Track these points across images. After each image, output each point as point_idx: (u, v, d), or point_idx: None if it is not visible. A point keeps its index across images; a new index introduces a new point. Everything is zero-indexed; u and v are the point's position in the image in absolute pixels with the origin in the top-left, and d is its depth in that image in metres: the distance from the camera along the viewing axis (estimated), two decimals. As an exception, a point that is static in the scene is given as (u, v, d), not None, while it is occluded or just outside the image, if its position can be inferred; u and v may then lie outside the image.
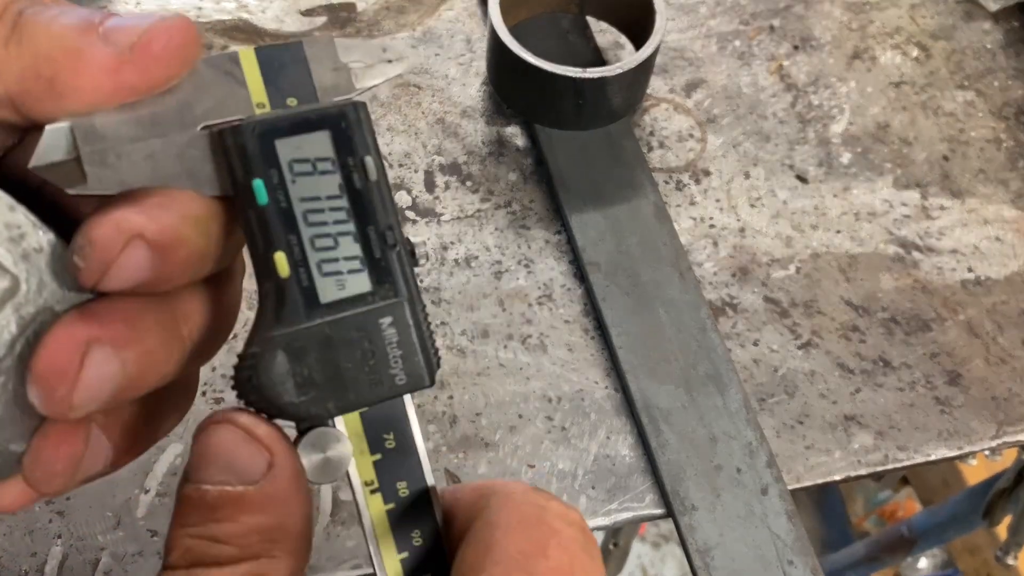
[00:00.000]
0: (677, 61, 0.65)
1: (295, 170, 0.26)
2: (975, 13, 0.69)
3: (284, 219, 0.25)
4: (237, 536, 0.24)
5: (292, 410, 0.26)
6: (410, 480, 0.27)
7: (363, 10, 0.65)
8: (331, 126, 0.26)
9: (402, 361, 0.26)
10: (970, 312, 0.56)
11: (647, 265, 0.55)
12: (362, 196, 0.26)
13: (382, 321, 0.26)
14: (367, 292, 0.26)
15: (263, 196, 0.25)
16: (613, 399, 0.52)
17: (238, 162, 0.25)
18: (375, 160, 0.26)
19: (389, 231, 0.26)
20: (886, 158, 0.62)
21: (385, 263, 0.26)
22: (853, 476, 0.51)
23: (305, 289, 0.26)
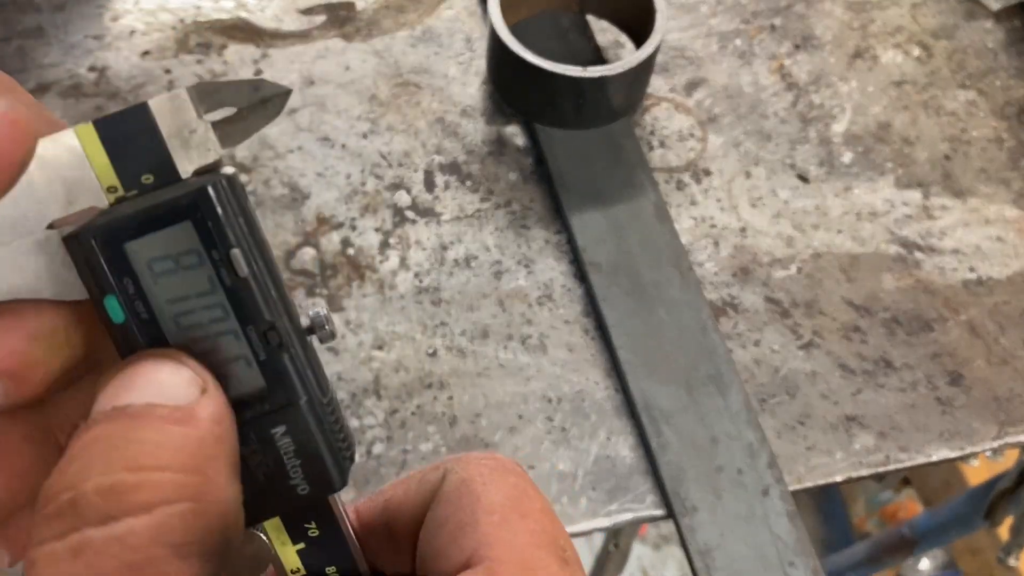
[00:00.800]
0: (678, 60, 0.64)
1: (155, 269, 0.22)
2: (977, 12, 0.69)
3: (148, 330, 0.22)
4: (167, 445, 0.21)
5: None
6: (339, 564, 0.26)
7: (362, 9, 0.65)
8: (189, 216, 0.22)
9: (302, 469, 0.24)
10: (972, 312, 0.56)
11: (648, 265, 0.54)
12: (235, 293, 0.22)
13: (275, 431, 0.23)
14: (258, 394, 0.23)
15: (118, 313, 0.22)
16: (613, 400, 0.51)
17: (87, 273, 0.22)
18: (244, 251, 0.22)
19: (272, 331, 0.23)
20: (887, 158, 0.61)
21: (273, 364, 0.23)
22: (854, 477, 0.51)
23: None
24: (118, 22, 0.63)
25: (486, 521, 0.24)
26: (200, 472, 0.21)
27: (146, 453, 0.20)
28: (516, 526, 0.24)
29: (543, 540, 0.24)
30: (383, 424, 0.50)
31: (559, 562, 0.24)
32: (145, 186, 0.22)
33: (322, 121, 0.60)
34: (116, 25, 0.63)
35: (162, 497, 0.20)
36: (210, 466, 0.21)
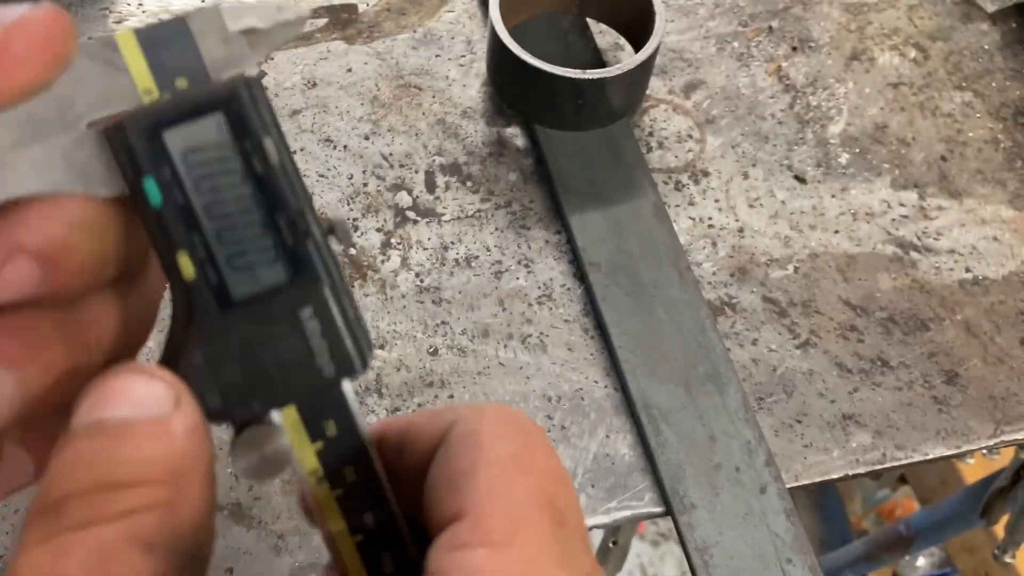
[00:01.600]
0: (676, 62, 0.65)
1: (190, 161, 0.24)
2: (973, 14, 0.69)
3: (183, 216, 0.24)
4: (141, 460, 0.22)
5: (216, 414, 0.25)
6: (356, 465, 0.26)
7: (364, 11, 0.65)
8: (223, 108, 0.24)
9: (329, 351, 0.25)
10: (968, 312, 0.56)
11: (647, 265, 0.55)
12: (266, 182, 0.24)
13: (302, 313, 0.25)
14: (284, 283, 0.25)
15: (156, 196, 0.23)
16: (613, 398, 0.52)
17: (126, 161, 0.23)
18: (275, 140, 0.24)
19: (300, 217, 0.25)
20: (884, 159, 0.62)
21: (300, 251, 0.25)
22: (851, 475, 0.51)
23: (216, 288, 0.24)
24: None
25: (485, 473, 0.24)
26: (173, 486, 0.22)
27: (122, 472, 0.21)
28: (513, 481, 0.24)
29: (539, 498, 0.24)
30: (385, 423, 0.51)
31: (552, 522, 0.23)
32: (179, 90, 0.24)
33: (324, 123, 0.60)
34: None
35: (136, 508, 0.21)
36: (183, 479, 0.22)
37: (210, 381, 0.24)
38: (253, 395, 0.25)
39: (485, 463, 0.24)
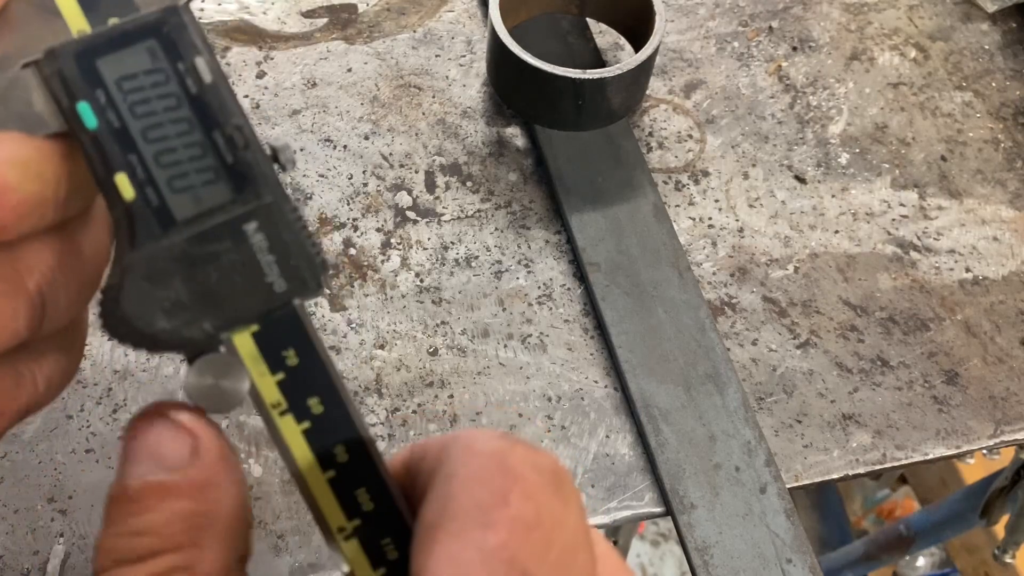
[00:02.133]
0: (676, 62, 0.65)
1: (124, 88, 0.24)
2: (973, 14, 0.69)
3: (119, 139, 0.24)
4: (158, 526, 0.22)
5: (166, 337, 0.24)
6: (347, 443, 0.25)
7: (364, 11, 0.65)
8: (153, 35, 0.24)
9: (279, 267, 0.24)
10: (968, 312, 0.56)
11: (646, 265, 0.55)
12: (200, 101, 0.24)
13: (247, 227, 0.24)
14: (227, 201, 0.24)
15: (91, 119, 0.24)
16: (613, 398, 0.52)
17: (60, 89, 0.24)
18: (207, 60, 0.24)
19: (237, 131, 0.24)
20: (884, 158, 0.62)
21: (240, 167, 0.24)
22: (851, 475, 0.51)
23: (157, 209, 0.24)
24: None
25: (444, 528, 0.21)
26: (193, 545, 0.22)
27: (143, 545, 0.22)
28: (470, 538, 0.21)
29: (497, 559, 0.20)
30: (384, 423, 0.51)
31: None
32: (111, 27, 0.24)
33: (324, 122, 0.60)
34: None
35: (158, 572, 0.22)
36: (202, 536, 0.23)
37: (155, 303, 0.24)
38: (202, 315, 0.24)
39: (449, 516, 0.21)
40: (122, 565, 0.22)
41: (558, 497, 0.22)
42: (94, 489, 0.48)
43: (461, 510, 0.21)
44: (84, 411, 0.50)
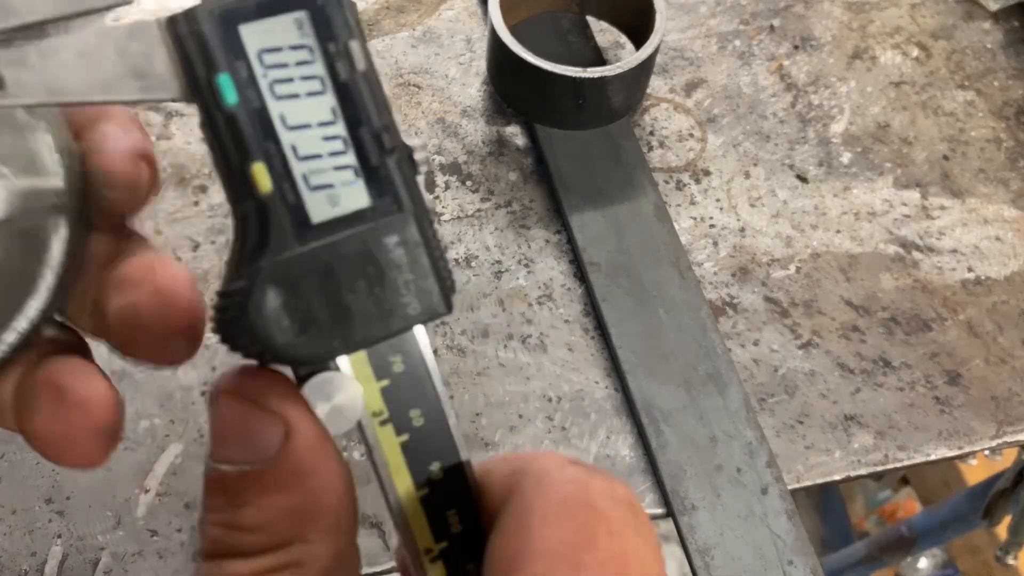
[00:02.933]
0: (677, 61, 0.65)
1: (266, 62, 0.21)
2: (975, 13, 0.69)
3: (259, 121, 0.21)
4: (262, 522, 0.21)
5: (291, 352, 0.22)
6: (443, 459, 0.23)
7: (363, 10, 0.65)
8: (306, 5, 0.21)
9: (414, 287, 0.22)
10: (970, 312, 0.56)
11: (647, 265, 0.55)
12: (349, 90, 0.22)
13: (387, 241, 0.22)
14: (365, 208, 0.22)
15: (231, 95, 0.21)
16: (613, 399, 0.52)
17: (197, 55, 0.21)
18: (361, 45, 0.22)
19: (385, 132, 0.22)
20: (886, 158, 0.62)
21: (383, 171, 0.22)
22: (853, 476, 0.51)
23: (292, 207, 0.21)
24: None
25: (528, 567, 0.20)
26: (300, 540, 0.22)
27: (249, 541, 0.21)
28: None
29: None
30: (384, 423, 0.50)
31: None
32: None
33: (323, 121, 0.60)
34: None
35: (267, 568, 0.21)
36: (309, 530, 0.22)
37: (284, 314, 0.21)
38: (332, 333, 0.22)
39: (533, 555, 0.20)
40: (229, 559, 0.21)
41: (639, 534, 0.22)
42: (92, 490, 0.48)
43: (547, 548, 0.20)
44: (81, 412, 0.50)
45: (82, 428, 0.23)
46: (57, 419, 0.23)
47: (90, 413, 0.23)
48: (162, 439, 0.49)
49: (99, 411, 0.23)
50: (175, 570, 0.46)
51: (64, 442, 0.23)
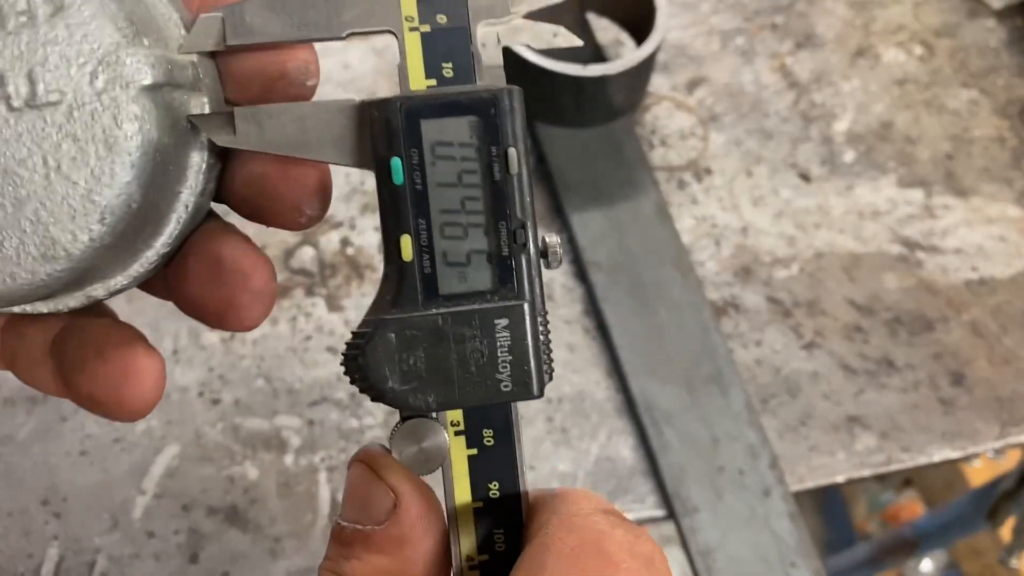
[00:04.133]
0: (679, 58, 0.64)
1: (436, 152, 0.25)
2: (979, 11, 0.68)
3: (417, 201, 0.25)
4: (361, 574, 0.25)
5: (391, 396, 0.25)
6: (502, 482, 0.26)
7: (362, 8, 0.65)
8: (480, 111, 0.25)
9: (511, 367, 0.25)
10: (974, 312, 0.56)
11: (649, 265, 0.54)
12: (500, 188, 0.25)
13: (498, 322, 0.25)
14: (488, 289, 0.25)
15: (399, 176, 0.25)
16: (614, 400, 0.51)
17: (381, 136, 0.25)
18: (520, 152, 0.25)
19: (521, 229, 0.25)
20: (890, 156, 0.61)
21: (512, 262, 0.25)
22: (856, 477, 0.51)
23: (426, 276, 0.25)
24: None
25: None
26: None
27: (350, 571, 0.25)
28: None
29: None
30: (382, 424, 0.50)
31: None
32: (437, 24, 0.26)
33: (322, 120, 0.60)
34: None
35: None
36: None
37: (394, 365, 0.25)
38: (431, 389, 0.25)
39: None
40: None
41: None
42: (88, 492, 0.47)
43: None
44: (79, 413, 0.49)
45: (244, 292, 0.26)
46: (217, 288, 0.26)
47: (249, 279, 0.26)
48: (159, 440, 0.49)
49: (257, 276, 0.26)
50: (171, 572, 0.46)
51: (227, 308, 0.26)
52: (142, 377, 0.25)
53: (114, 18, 0.23)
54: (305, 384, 0.51)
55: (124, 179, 0.23)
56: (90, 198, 0.23)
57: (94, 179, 0.23)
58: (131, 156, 0.23)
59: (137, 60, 0.23)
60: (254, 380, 0.51)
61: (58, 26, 0.22)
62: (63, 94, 0.22)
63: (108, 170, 0.23)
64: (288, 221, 0.26)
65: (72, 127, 0.23)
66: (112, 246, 0.24)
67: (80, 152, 0.23)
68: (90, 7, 0.23)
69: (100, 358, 0.25)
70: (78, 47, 0.23)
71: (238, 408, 0.50)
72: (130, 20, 0.23)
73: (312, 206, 0.26)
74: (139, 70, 0.23)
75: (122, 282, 0.26)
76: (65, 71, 0.22)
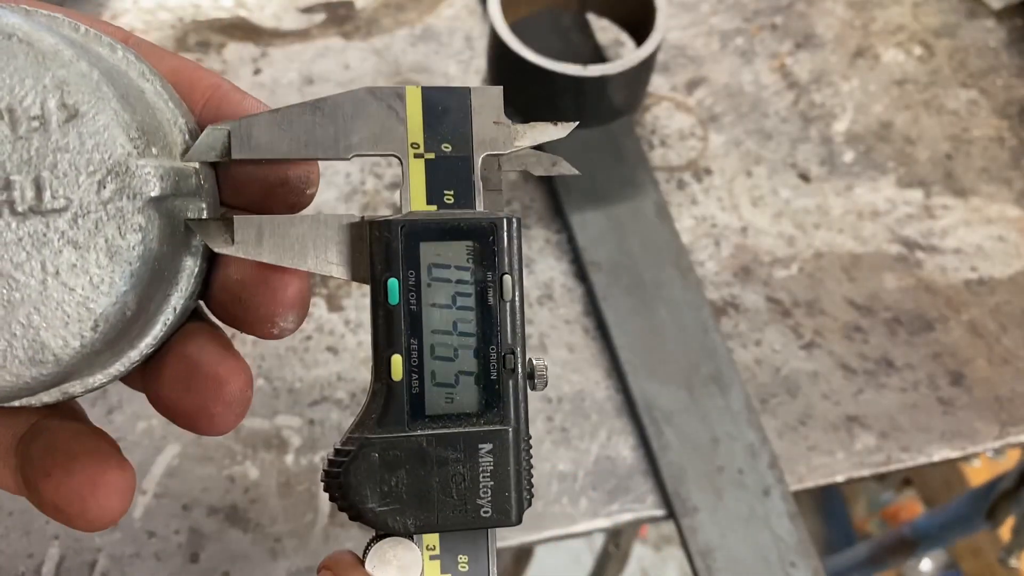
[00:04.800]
0: (678, 59, 0.64)
1: (433, 274, 0.26)
2: (978, 11, 0.69)
3: (410, 322, 0.25)
4: None
5: (371, 516, 0.25)
6: (471, 556, 0.26)
7: (362, 8, 0.65)
8: (479, 237, 0.26)
9: (492, 492, 0.26)
10: (973, 312, 0.56)
11: (648, 265, 0.54)
12: (492, 313, 0.26)
13: (482, 446, 0.26)
14: (474, 412, 0.26)
15: (395, 296, 0.25)
16: (614, 400, 0.51)
17: (380, 256, 0.25)
18: (514, 280, 0.26)
19: (511, 355, 0.26)
20: (889, 157, 0.61)
21: (499, 386, 0.26)
22: (856, 477, 0.51)
23: (413, 396, 0.25)
24: (117, 20, 0.63)
25: None
26: None
27: None
28: None
29: None
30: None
31: None
32: (442, 152, 0.26)
33: (322, 120, 0.60)
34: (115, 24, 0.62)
35: None
36: None
37: (375, 485, 0.25)
38: (410, 512, 0.25)
39: None
40: None
41: None
42: (88, 491, 0.47)
43: None
44: (78, 412, 0.49)
45: (217, 401, 0.25)
46: (191, 393, 0.25)
47: (223, 387, 0.25)
48: (159, 440, 0.49)
49: (232, 385, 0.25)
50: (172, 572, 0.46)
51: (199, 415, 0.25)
52: (110, 491, 0.24)
53: (127, 128, 0.23)
54: (305, 384, 0.51)
55: (122, 288, 0.23)
56: (86, 305, 0.23)
57: (92, 287, 0.23)
58: (132, 266, 0.23)
59: (146, 172, 0.23)
60: (254, 380, 0.51)
61: (70, 133, 0.22)
62: (69, 201, 0.22)
63: (108, 279, 0.23)
64: (261, 331, 0.26)
65: (75, 234, 0.22)
66: (100, 351, 0.23)
67: (81, 260, 0.22)
68: (104, 116, 0.23)
69: (68, 468, 0.24)
70: (89, 156, 0.22)
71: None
72: (142, 130, 0.23)
73: (286, 319, 0.26)
74: (147, 182, 0.23)
75: (101, 380, 0.25)
76: (74, 179, 0.22)
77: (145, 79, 0.25)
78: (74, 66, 0.22)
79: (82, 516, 0.24)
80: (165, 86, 0.25)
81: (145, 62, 0.25)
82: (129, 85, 0.24)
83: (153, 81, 0.25)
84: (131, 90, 0.24)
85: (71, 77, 0.22)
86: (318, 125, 0.25)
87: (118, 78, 0.24)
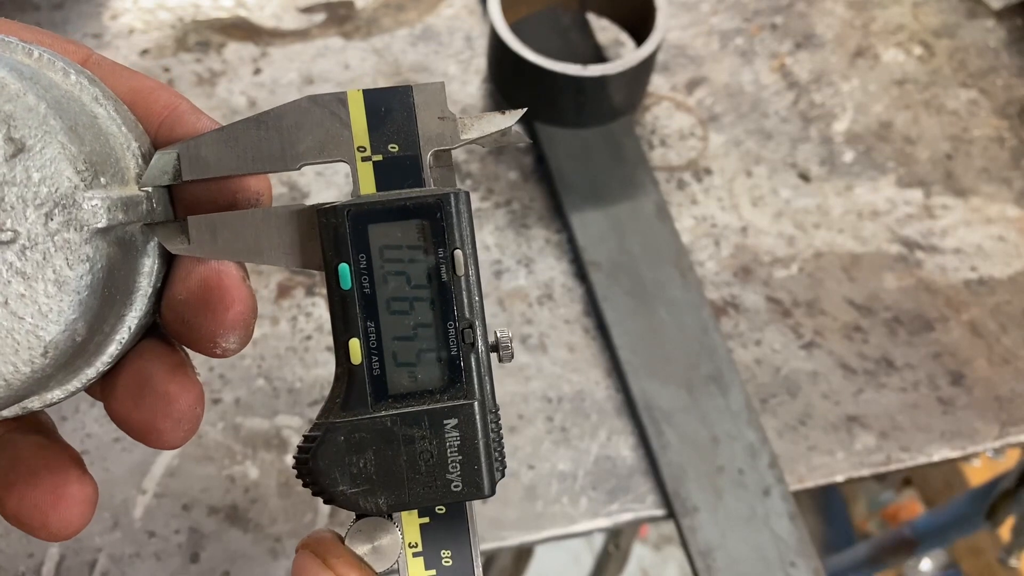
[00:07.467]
0: (679, 59, 0.64)
1: (385, 256, 0.26)
2: (978, 11, 0.69)
3: (365, 305, 0.25)
4: None
5: (343, 499, 0.26)
6: (455, 551, 0.27)
7: (362, 7, 0.65)
8: (427, 215, 0.26)
9: (461, 467, 0.26)
10: (973, 312, 0.56)
11: (648, 264, 0.54)
12: (447, 289, 0.26)
13: (447, 422, 0.26)
14: (437, 388, 0.26)
15: (347, 281, 0.25)
16: (614, 399, 0.51)
17: (329, 243, 0.25)
18: (466, 254, 0.26)
19: (469, 329, 0.26)
20: (889, 157, 0.61)
21: (461, 361, 0.26)
22: (856, 477, 0.51)
23: (375, 378, 0.26)
24: (117, 20, 0.63)
25: None
26: None
27: None
28: None
29: None
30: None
31: None
32: (389, 153, 0.26)
33: (322, 120, 0.60)
34: (115, 24, 0.62)
35: None
36: None
37: (344, 468, 0.25)
38: (381, 492, 0.26)
39: None
40: None
41: None
42: (88, 491, 0.47)
43: None
44: (79, 413, 0.49)
45: (166, 417, 0.25)
46: (141, 409, 0.25)
47: (172, 403, 0.26)
48: (159, 440, 0.49)
49: (181, 403, 0.26)
50: (172, 572, 0.46)
51: (148, 430, 0.26)
52: (71, 504, 0.25)
53: (73, 160, 0.23)
54: (305, 384, 0.51)
55: (71, 316, 0.23)
56: (35, 333, 0.23)
57: (41, 315, 0.23)
58: (80, 295, 0.23)
59: (93, 204, 0.23)
60: (254, 380, 0.51)
61: (17, 168, 0.22)
62: (17, 233, 0.22)
63: (56, 308, 0.23)
64: (204, 350, 0.26)
65: (23, 265, 0.23)
66: (53, 375, 0.24)
67: (29, 290, 0.23)
68: (51, 150, 0.23)
69: (30, 481, 0.25)
70: (36, 189, 0.22)
71: (239, 407, 0.50)
72: (89, 161, 0.23)
73: (228, 340, 0.26)
74: (94, 214, 0.23)
75: (59, 396, 0.26)
76: (21, 212, 0.22)
77: (98, 104, 0.25)
78: (21, 100, 0.22)
79: (44, 528, 0.25)
80: (119, 109, 0.25)
81: (100, 85, 0.25)
82: (80, 112, 0.24)
83: (106, 106, 0.25)
84: (82, 117, 0.24)
85: (18, 112, 0.22)
86: (263, 139, 0.25)
87: (69, 106, 0.24)
